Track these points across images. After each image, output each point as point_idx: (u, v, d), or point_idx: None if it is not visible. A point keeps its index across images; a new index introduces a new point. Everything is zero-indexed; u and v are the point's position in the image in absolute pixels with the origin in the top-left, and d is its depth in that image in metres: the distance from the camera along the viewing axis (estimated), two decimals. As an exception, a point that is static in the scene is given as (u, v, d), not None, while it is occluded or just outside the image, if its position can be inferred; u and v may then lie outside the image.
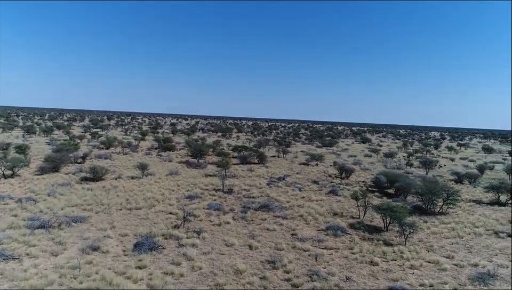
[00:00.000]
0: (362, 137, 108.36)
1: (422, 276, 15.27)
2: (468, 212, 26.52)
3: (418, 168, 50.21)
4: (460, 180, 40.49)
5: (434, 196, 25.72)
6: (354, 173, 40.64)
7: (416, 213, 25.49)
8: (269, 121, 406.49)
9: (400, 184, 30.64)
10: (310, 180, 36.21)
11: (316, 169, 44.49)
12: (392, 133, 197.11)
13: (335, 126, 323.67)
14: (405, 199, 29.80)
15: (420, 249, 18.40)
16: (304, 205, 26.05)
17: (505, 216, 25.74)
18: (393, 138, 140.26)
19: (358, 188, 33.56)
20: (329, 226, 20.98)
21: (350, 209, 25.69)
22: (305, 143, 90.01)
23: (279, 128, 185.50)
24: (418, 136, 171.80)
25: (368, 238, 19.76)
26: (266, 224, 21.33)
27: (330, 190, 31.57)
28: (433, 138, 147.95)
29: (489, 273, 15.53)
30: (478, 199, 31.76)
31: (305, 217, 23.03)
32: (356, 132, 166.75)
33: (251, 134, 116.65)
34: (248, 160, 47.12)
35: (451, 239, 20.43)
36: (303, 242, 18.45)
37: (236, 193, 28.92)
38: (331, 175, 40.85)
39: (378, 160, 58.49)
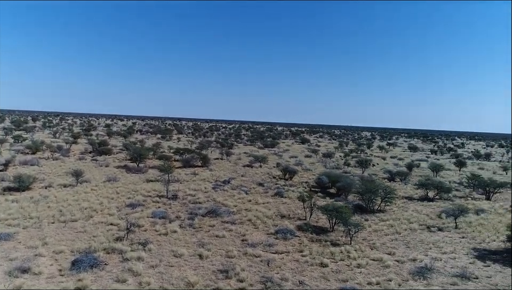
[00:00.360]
0: (302, 138, 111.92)
1: (369, 274, 15.92)
2: (402, 209, 28.46)
3: (355, 167, 52.98)
4: (392, 178, 43.43)
5: (373, 195, 27.19)
6: (297, 174, 41.61)
7: (358, 212, 26.70)
8: (209, 121, 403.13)
9: (342, 184, 31.98)
10: (255, 183, 36.32)
11: (260, 171, 44.81)
12: (328, 133, 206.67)
13: (275, 126, 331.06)
14: (346, 199, 31.13)
15: (364, 247, 19.23)
16: (251, 209, 25.96)
17: (433, 211, 28.01)
18: (329, 138, 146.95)
19: (302, 189, 34.39)
20: (278, 229, 21.08)
21: (296, 211, 26.15)
22: (247, 144, 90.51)
23: (220, 129, 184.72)
24: (351, 136, 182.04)
25: (316, 239, 20.21)
26: (215, 230, 20.83)
27: (276, 191, 31.92)
28: (365, 138, 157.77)
29: (427, 267, 16.68)
30: (409, 195, 34.28)
31: (254, 221, 22.93)
32: (294, 133, 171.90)
33: (192, 135, 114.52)
34: (191, 163, 46.00)
35: (390, 235, 21.69)
36: (254, 248, 18.28)
37: (181, 199, 27.95)
38: (275, 176, 41.41)
39: (318, 160, 60.70)
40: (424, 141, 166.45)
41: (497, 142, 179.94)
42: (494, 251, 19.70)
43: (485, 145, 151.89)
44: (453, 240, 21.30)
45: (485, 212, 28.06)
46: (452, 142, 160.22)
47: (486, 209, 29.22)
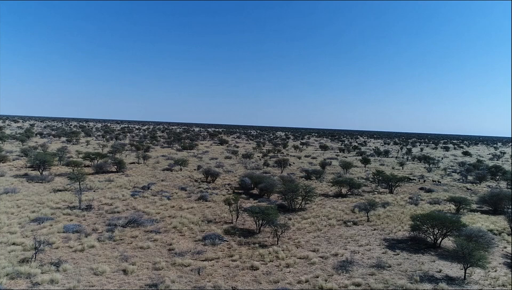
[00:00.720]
0: (220, 139, 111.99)
1: (298, 273, 16.50)
2: (320, 206, 30.22)
3: (274, 167, 54.80)
4: (308, 176, 45.93)
5: (295, 195, 28.36)
6: (219, 176, 41.45)
7: (281, 211, 27.57)
8: (120, 123, 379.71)
9: (264, 185, 32.72)
10: (177, 187, 35.18)
11: (181, 174, 43.58)
12: (245, 133, 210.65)
13: (191, 127, 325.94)
14: (269, 199, 31.96)
15: (290, 246, 19.90)
16: (176, 215, 25.04)
17: (347, 206, 30.30)
18: (246, 139, 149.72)
19: (226, 192, 34.36)
20: (206, 235, 20.65)
21: (222, 215, 25.96)
22: (164, 146, 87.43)
23: (134, 130, 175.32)
24: (267, 136, 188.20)
25: (244, 242, 20.29)
26: (139, 241, 19.57)
27: (200, 196, 31.33)
28: (280, 138, 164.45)
29: (348, 261, 17.93)
30: (325, 192, 36.59)
31: (180, 228, 22.14)
32: (212, 133, 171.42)
33: (103, 138, 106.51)
34: (105, 169, 42.69)
35: (313, 232, 22.82)
36: (182, 257, 17.61)
37: (97, 209, 25.69)
38: (197, 179, 40.66)
39: (238, 161, 61.38)
40: (332, 140, 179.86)
41: (392, 140, 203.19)
42: (400, 240, 22.04)
43: (383, 142, 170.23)
44: (366, 232, 23.27)
45: (390, 204, 31.32)
46: (356, 141, 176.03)
47: (390, 201, 32.65)
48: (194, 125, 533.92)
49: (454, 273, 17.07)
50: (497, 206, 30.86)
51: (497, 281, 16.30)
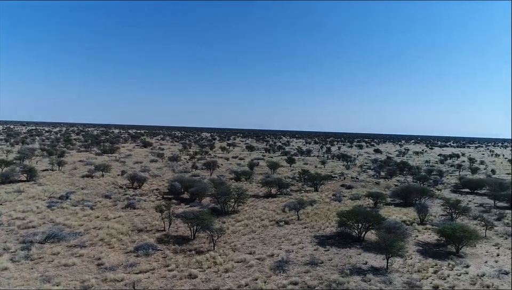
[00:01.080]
0: (143, 141, 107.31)
1: (237, 277, 16.56)
2: (252, 207, 30.71)
3: (202, 170, 54.17)
4: (238, 178, 46.33)
5: (227, 197, 28.39)
6: (146, 181, 39.65)
7: (214, 215, 27.34)
8: (26, 124, 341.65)
9: (195, 188, 32.17)
10: (101, 195, 32.82)
11: (103, 181, 40.73)
12: (170, 135, 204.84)
13: (110, 128, 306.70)
14: (201, 203, 31.53)
15: (227, 250, 19.88)
16: (102, 226, 23.33)
17: (278, 206, 31.28)
18: (171, 140, 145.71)
19: (155, 197, 33.03)
20: (138, 246, 19.60)
21: (153, 222, 24.88)
22: (81, 150, 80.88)
23: (43, 133, 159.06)
24: (193, 137, 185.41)
25: (180, 250, 19.73)
26: (62, 258, 17.83)
27: (127, 203, 29.65)
28: (206, 139, 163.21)
29: (284, 260, 18.51)
30: (256, 193, 37.27)
31: (108, 240, 20.68)
32: (134, 135, 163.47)
33: (6, 142, 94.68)
34: (12, 178, 38.00)
35: (248, 235, 23.09)
36: (114, 271, 16.49)
37: (6, 225, 22.74)
38: (122, 186, 38.39)
39: (165, 164, 59.44)
40: (257, 140, 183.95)
41: (313, 139, 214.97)
42: (329, 236, 23.43)
43: (304, 142, 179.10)
44: (298, 231, 24.27)
45: (317, 202, 33.10)
46: (280, 141, 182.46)
47: (317, 199, 34.51)
48: (113, 126, 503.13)
49: (377, 264, 18.67)
50: (407, 199, 34.53)
51: (413, 267, 18.24)
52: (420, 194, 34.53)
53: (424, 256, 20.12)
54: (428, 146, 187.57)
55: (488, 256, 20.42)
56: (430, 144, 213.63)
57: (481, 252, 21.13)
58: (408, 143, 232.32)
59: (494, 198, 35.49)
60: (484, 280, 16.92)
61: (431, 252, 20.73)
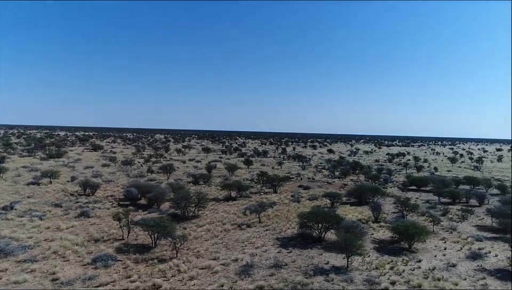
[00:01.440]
0: (93, 144, 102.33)
1: (203, 284, 16.37)
2: (213, 211, 30.48)
3: (159, 174, 52.78)
4: (196, 181, 45.72)
5: (188, 203, 27.92)
6: (99, 188, 37.86)
7: (174, 221, 26.79)
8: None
9: (154, 194, 31.28)
10: (50, 204, 30.83)
11: (52, 188, 38.27)
12: (121, 137, 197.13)
13: (54, 130, 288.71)
14: (159, 209, 30.75)
15: (191, 257, 19.56)
16: (54, 238, 21.95)
17: (239, 209, 31.33)
18: (123, 143, 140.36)
19: (110, 204, 31.64)
20: (95, 257, 18.68)
21: (110, 231, 23.84)
22: (24, 155, 75.35)
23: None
24: (146, 139, 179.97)
25: (141, 259, 19.08)
26: (11, 275, 16.52)
27: (80, 212, 28.11)
28: (160, 141, 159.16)
29: (248, 264, 18.60)
30: (215, 197, 37.00)
31: (62, 252, 19.50)
32: (82, 138, 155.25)
33: None
34: None
35: (210, 240, 22.90)
36: (71, 286, 15.60)
37: None
38: (73, 193, 36.33)
39: (118, 169, 57.14)
40: (213, 141, 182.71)
41: (268, 140, 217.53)
42: (290, 237, 23.89)
43: (260, 143, 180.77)
44: (260, 234, 24.49)
45: (276, 204, 33.59)
46: (235, 142, 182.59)
47: (276, 201, 35.03)
48: (58, 128, 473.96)
49: (338, 263, 19.37)
50: (361, 198, 36.14)
51: (372, 265, 19.16)
52: (373, 193, 36.31)
53: (380, 253, 21.20)
54: (376, 145, 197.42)
55: (437, 250, 21.96)
56: (378, 143, 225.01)
57: (431, 246, 22.68)
58: (358, 142, 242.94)
59: (438, 194, 38.21)
60: (435, 273, 18.20)
61: (386, 249, 21.89)
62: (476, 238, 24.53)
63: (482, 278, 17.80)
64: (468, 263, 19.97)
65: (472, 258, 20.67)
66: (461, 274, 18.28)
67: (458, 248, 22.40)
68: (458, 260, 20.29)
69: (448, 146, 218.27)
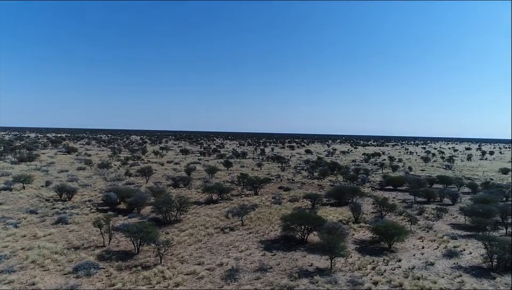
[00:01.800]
0: (67, 147, 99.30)
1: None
2: (195, 215, 30.29)
3: (137, 177, 51.87)
4: (176, 184, 45.26)
5: (169, 207, 27.63)
6: (76, 193, 36.84)
7: (156, 226, 26.46)
8: None
9: (134, 198, 30.76)
10: (25, 211, 29.75)
11: (26, 193, 36.91)
12: (95, 139, 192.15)
13: (24, 132, 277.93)
14: (140, 213, 30.28)
15: (175, 263, 19.40)
16: (32, 246, 21.22)
17: (221, 212, 31.28)
18: (98, 145, 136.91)
19: (88, 210, 30.87)
20: (77, 266, 18.21)
21: (91, 238, 23.29)
22: (-7, 159, 72.13)
23: None
24: (121, 141, 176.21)
25: (124, 266, 18.75)
26: (-13, 287, 15.90)
27: (57, 218, 27.28)
28: (136, 143, 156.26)
29: (234, 269, 18.64)
30: (196, 200, 36.76)
31: (41, 262, 18.90)
32: (54, 140, 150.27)
33: None
34: None
35: (194, 244, 22.77)
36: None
37: None
38: (49, 198, 35.20)
39: (95, 172, 55.75)
40: (190, 143, 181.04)
41: (246, 141, 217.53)
42: (274, 240, 24.09)
43: (238, 144, 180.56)
44: (244, 237, 24.56)
45: (258, 206, 33.75)
46: (213, 143, 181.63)
47: (258, 203, 35.19)
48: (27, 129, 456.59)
49: (322, 265, 19.72)
50: (341, 199, 36.84)
51: (354, 265, 19.61)
52: (352, 194, 37.09)
53: (362, 253, 21.72)
54: (352, 145, 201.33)
55: (415, 249, 22.72)
56: (354, 143, 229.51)
57: (409, 246, 23.44)
58: (335, 142, 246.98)
59: (414, 194, 39.47)
60: (415, 272, 18.84)
61: (367, 250, 22.45)
62: (451, 236, 25.53)
63: (459, 276, 18.58)
64: (444, 261, 20.78)
65: (449, 256, 21.53)
66: (439, 272, 19.02)
67: (435, 247, 23.27)
68: (435, 259, 21.08)
69: (420, 146, 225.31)
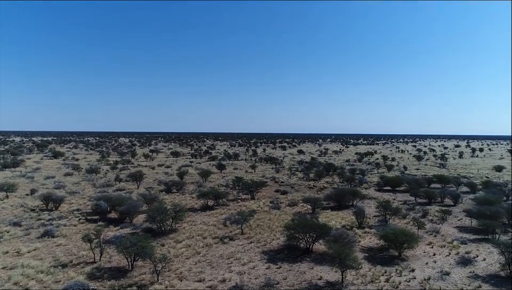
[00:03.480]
0: (53, 151, 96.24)
1: (191, 314, 14.77)
2: (191, 223, 28.69)
3: (128, 182, 49.93)
4: (169, 189, 43.50)
5: (164, 217, 25.98)
6: (64, 201, 34.85)
7: (150, 236, 24.86)
8: None
9: (126, 207, 29.01)
10: (8, 223, 27.73)
11: (9, 203, 34.79)
12: (83, 142, 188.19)
13: (8, 136, 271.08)
14: (132, 223, 28.57)
15: (173, 281, 17.83)
16: (14, 265, 19.40)
17: (218, 220, 29.74)
18: (86, 148, 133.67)
19: (77, 220, 29.00)
20: (66, 287, 16.46)
21: (80, 253, 21.51)
22: (-25, 165, 69.10)
23: None
24: (110, 143, 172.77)
25: (118, 286, 17.10)
26: (-37, 317, 14.12)
27: (43, 231, 25.40)
28: (125, 146, 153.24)
29: (238, 286, 17.16)
30: (191, 206, 35.14)
31: (24, 283, 17.14)
32: (40, 144, 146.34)
33: None
34: None
35: (192, 257, 21.20)
36: (38, 327, 13.47)
37: None
38: (34, 208, 33.17)
39: (83, 178, 53.55)
40: (180, 144, 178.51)
41: (237, 141, 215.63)
42: (277, 250, 22.65)
43: (229, 145, 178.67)
44: (245, 247, 23.06)
45: (256, 212, 32.29)
46: (204, 144, 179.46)
47: (256, 209, 33.75)
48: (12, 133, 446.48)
49: (332, 277, 18.38)
50: (341, 202, 35.64)
51: (366, 277, 18.32)
52: (352, 196, 35.93)
53: (372, 263, 20.45)
54: (343, 144, 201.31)
55: (426, 257, 21.55)
56: (344, 142, 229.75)
57: (419, 253, 22.27)
58: (325, 142, 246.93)
59: (415, 195, 38.53)
60: (432, 284, 17.63)
61: (377, 259, 21.19)
62: (460, 241, 24.47)
63: (478, 287, 17.44)
64: (459, 269, 19.65)
65: (463, 264, 20.43)
66: (457, 283, 17.86)
67: (447, 253, 22.16)
68: (450, 267, 19.94)
69: (410, 144, 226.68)
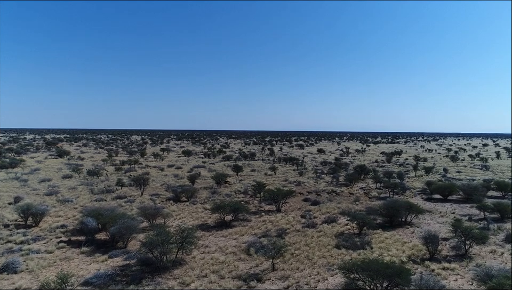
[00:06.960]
0: (59, 150, 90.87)
1: None
2: (203, 250, 21.58)
3: (131, 187, 43.32)
4: (177, 197, 36.71)
5: (167, 247, 18.90)
6: (47, 214, 28.31)
7: (147, 273, 17.95)
8: None
9: (118, 227, 22.08)
10: (-36, 248, 21.18)
11: (-18, 216, 28.39)
12: (94, 139, 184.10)
13: (23, 134, 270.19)
14: (126, 249, 21.69)
15: None
16: None
17: (239, 245, 22.58)
18: (95, 146, 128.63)
19: (56, 243, 22.24)
20: None
21: None
22: (-29, 165, 63.77)
23: None
24: (121, 142, 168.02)
25: None
26: None
27: (5, 263, 18.67)
28: (136, 144, 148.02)
29: None
30: (204, 221, 28.14)
31: None
32: (50, 142, 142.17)
33: None
34: None
35: (205, 317, 14.12)
36: None
37: None
38: (10, 223, 26.69)
39: (82, 181, 47.22)
40: (193, 143, 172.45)
41: (251, 139, 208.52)
42: (329, 302, 15.39)
43: (243, 143, 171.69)
44: (281, 297, 15.87)
45: (287, 233, 25.02)
46: (217, 143, 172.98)
47: (285, 226, 26.46)
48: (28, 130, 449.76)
49: None
50: (393, 217, 28.08)
51: None
52: (407, 211, 28.34)
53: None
54: (362, 143, 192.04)
55: None
56: (363, 140, 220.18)
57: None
58: (342, 140, 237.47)
59: (483, 209, 30.65)
60: None
61: (491, 327, 13.70)
62: None
63: None
64: None
65: None
66: None
67: None
68: None
69: (433, 142, 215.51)
